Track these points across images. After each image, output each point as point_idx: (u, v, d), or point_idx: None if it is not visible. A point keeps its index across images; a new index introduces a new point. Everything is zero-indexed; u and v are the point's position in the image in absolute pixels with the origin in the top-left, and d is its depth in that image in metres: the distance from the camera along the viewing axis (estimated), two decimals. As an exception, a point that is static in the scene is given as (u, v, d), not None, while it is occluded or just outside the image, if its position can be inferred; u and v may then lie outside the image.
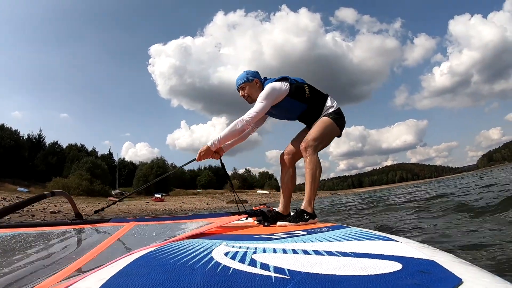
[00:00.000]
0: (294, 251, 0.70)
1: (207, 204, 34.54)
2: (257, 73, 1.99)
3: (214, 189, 53.85)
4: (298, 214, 1.62)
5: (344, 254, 0.65)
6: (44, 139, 44.61)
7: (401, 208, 6.22)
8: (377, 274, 0.51)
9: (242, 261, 0.63)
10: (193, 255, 0.71)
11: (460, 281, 0.47)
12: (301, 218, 1.60)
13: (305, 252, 0.69)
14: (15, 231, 1.57)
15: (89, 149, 50.92)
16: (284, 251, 0.71)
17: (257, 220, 1.73)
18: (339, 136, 1.93)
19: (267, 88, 1.82)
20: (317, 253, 0.68)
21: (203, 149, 1.86)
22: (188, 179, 57.61)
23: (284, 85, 1.83)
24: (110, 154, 56.09)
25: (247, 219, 1.75)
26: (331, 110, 1.87)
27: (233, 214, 1.59)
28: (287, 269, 0.56)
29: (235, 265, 0.61)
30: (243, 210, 1.77)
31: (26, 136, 41.61)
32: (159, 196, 37.35)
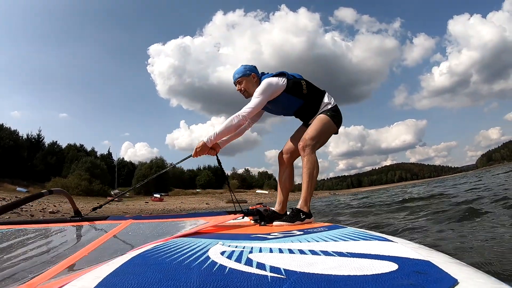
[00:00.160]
0: (290, 251, 0.70)
1: (206, 204, 34.53)
2: (254, 67, 1.97)
3: (213, 189, 53.81)
4: (294, 214, 1.62)
5: (340, 254, 0.65)
6: (43, 139, 44.58)
7: (397, 208, 6.22)
8: (373, 274, 0.51)
9: (238, 260, 0.64)
10: (189, 254, 0.71)
11: (455, 282, 0.47)
12: (297, 218, 1.60)
13: (301, 251, 0.69)
14: (15, 227, 1.59)
15: (88, 149, 50.90)
16: (281, 250, 0.71)
17: (253, 220, 1.73)
18: (336, 133, 1.92)
19: (263, 83, 1.80)
20: (313, 253, 0.68)
21: (199, 145, 1.84)
22: (187, 179, 57.61)
23: (281, 80, 1.82)
24: (109, 154, 56.06)
25: (243, 218, 1.75)
26: (329, 107, 1.85)
27: (229, 213, 1.59)
28: (283, 269, 0.56)
29: (231, 264, 0.61)
30: (239, 210, 1.77)
31: (25, 136, 41.58)
32: (158, 196, 37.31)
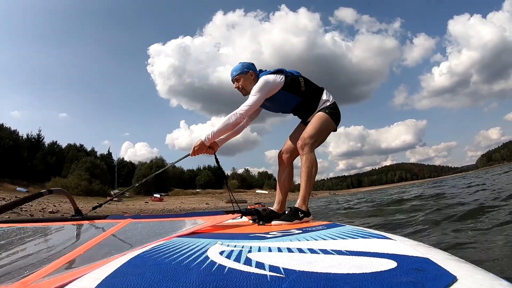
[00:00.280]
0: (289, 250, 0.70)
1: (206, 204, 34.52)
2: (252, 65, 1.96)
3: (213, 189, 53.78)
4: (292, 213, 1.62)
5: (339, 252, 0.65)
6: (43, 139, 44.56)
7: (396, 207, 6.22)
8: (372, 272, 0.51)
9: (237, 260, 0.63)
10: (188, 254, 0.70)
11: (454, 278, 0.47)
12: (295, 217, 1.59)
13: (300, 250, 0.69)
14: (15, 225, 1.60)
15: (88, 149, 50.88)
16: (279, 249, 0.71)
17: (252, 219, 1.73)
18: (335, 130, 1.91)
19: (260, 80, 1.79)
20: (312, 251, 0.68)
21: (197, 144, 1.83)
22: (187, 179, 57.59)
23: (278, 77, 1.80)
24: (109, 154, 56.04)
25: (241, 217, 1.74)
26: (327, 104, 1.84)
27: (227, 212, 1.59)
28: (282, 268, 0.56)
29: (230, 264, 0.61)
30: (237, 209, 1.76)
31: (25, 136, 41.55)
32: (158, 196, 37.29)
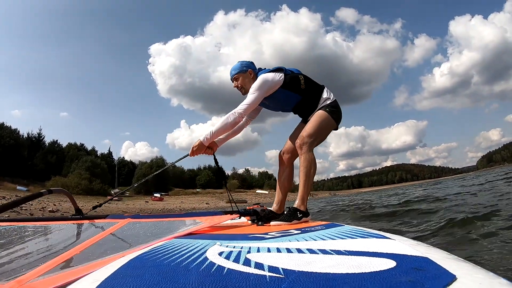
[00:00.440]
0: (288, 250, 0.70)
1: (206, 203, 34.55)
2: (251, 63, 1.95)
3: (213, 188, 53.82)
4: (291, 213, 1.60)
5: (338, 252, 0.65)
6: (43, 138, 44.74)
7: (396, 208, 6.22)
8: (371, 272, 0.51)
9: (236, 260, 0.63)
10: (187, 255, 0.70)
11: (454, 278, 0.47)
12: (294, 217, 1.58)
13: (299, 251, 0.69)
14: (16, 224, 1.61)
15: (89, 148, 51.09)
16: (278, 250, 0.71)
17: (250, 220, 1.72)
18: (336, 129, 1.89)
19: (259, 79, 1.78)
20: (311, 251, 0.68)
21: (195, 144, 1.82)
22: (188, 179, 57.67)
23: (277, 75, 1.79)
24: (110, 153, 56.24)
25: (240, 218, 1.74)
26: (328, 102, 1.82)
27: (226, 213, 1.58)
28: (282, 268, 0.56)
29: (229, 265, 0.61)
30: (236, 210, 1.76)
31: (26, 135, 41.75)
32: (159, 195, 37.33)
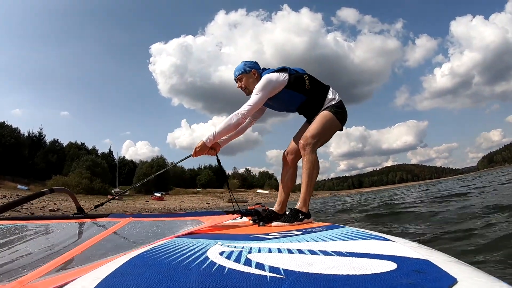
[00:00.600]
0: (289, 251, 0.70)
1: (206, 203, 34.56)
2: (255, 63, 1.93)
3: (214, 188, 53.81)
4: (293, 214, 1.60)
5: (339, 254, 0.64)
6: (44, 137, 44.73)
7: (396, 209, 6.22)
8: (372, 274, 0.51)
9: (237, 260, 0.63)
10: (188, 254, 0.70)
11: (454, 281, 0.47)
12: (296, 218, 1.57)
13: (300, 251, 0.69)
14: (18, 223, 1.61)
15: (90, 147, 51.10)
16: (279, 250, 0.71)
17: (252, 220, 1.72)
18: (341, 130, 1.86)
19: (263, 79, 1.76)
20: (312, 252, 0.67)
21: (198, 145, 1.82)
22: (188, 178, 57.63)
23: (282, 76, 1.77)
24: (110, 152, 56.17)
25: (241, 218, 1.74)
26: (333, 103, 1.79)
27: (227, 213, 1.58)
28: (282, 269, 0.56)
29: (230, 264, 0.61)
30: (237, 209, 1.76)
31: (27, 134, 41.74)
32: (159, 195, 37.31)
